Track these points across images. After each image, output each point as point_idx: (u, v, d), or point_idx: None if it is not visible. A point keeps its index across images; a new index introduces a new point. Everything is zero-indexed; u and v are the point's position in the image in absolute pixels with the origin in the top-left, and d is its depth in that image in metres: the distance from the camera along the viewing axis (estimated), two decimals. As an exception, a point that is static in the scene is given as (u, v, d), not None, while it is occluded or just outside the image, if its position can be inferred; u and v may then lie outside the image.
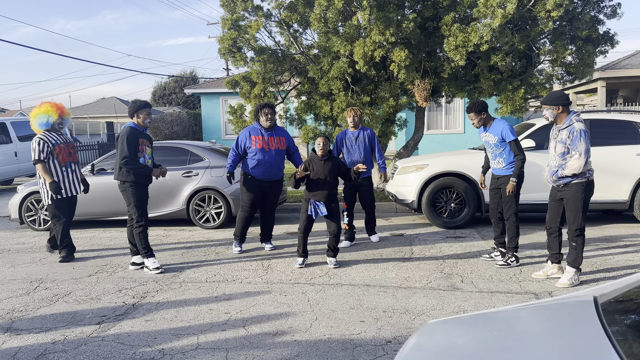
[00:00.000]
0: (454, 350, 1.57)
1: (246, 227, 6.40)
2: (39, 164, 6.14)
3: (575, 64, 9.01)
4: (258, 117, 6.22)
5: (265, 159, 6.12)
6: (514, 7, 7.46)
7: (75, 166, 6.45)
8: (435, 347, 1.60)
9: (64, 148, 6.32)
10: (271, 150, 6.16)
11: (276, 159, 6.22)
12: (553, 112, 4.81)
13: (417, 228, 7.70)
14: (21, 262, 6.26)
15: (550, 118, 4.85)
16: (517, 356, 1.41)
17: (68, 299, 4.78)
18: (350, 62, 8.68)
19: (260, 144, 6.13)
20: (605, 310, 1.57)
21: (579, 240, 4.84)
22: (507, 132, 5.36)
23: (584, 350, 1.36)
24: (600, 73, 16.87)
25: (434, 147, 16.48)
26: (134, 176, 5.56)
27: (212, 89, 21.31)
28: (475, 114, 5.47)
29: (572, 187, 4.79)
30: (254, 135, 6.18)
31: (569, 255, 4.91)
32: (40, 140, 6.16)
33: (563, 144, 4.74)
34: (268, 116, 6.15)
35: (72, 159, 6.40)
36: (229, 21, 9.34)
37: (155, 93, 45.75)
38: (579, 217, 4.80)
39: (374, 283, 5.01)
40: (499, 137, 5.40)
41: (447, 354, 1.55)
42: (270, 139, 6.19)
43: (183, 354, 3.52)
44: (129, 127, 5.64)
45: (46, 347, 3.71)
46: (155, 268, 5.61)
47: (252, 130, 6.24)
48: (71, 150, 6.44)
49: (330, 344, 3.63)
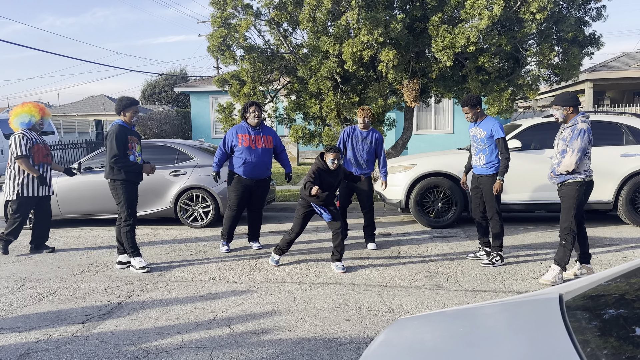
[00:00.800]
0: (420, 346, 1.61)
1: (233, 226, 6.40)
2: (22, 159, 6.20)
3: (561, 65, 9.12)
4: (245, 116, 6.22)
5: (252, 157, 6.13)
6: (500, 9, 7.53)
7: (48, 167, 6.52)
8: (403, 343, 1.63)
9: (42, 148, 6.42)
10: (258, 148, 6.17)
11: (263, 157, 6.22)
12: (563, 112, 4.87)
13: (405, 227, 7.75)
14: (5, 261, 6.21)
15: (560, 118, 4.91)
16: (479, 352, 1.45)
17: (52, 298, 4.75)
18: (339, 62, 8.71)
19: (247, 142, 6.13)
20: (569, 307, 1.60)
21: (569, 239, 4.89)
22: (497, 129, 5.42)
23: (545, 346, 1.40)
24: (587, 74, 17.06)
25: (423, 147, 16.58)
26: (125, 174, 5.54)
27: (202, 88, 21.24)
28: (469, 108, 5.51)
29: (566, 186, 4.87)
30: (241, 133, 6.18)
31: (557, 252, 4.97)
32: (23, 135, 6.26)
33: (564, 141, 4.82)
34: (255, 113, 6.15)
35: (46, 160, 6.48)
36: (218, 19, 9.32)
37: (144, 91, 45.48)
38: (571, 215, 4.85)
39: (360, 282, 5.04)
40: (488, 134, 5.46)
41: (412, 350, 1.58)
42: (257, 137, 6.20)
43: (167, 353, 3.53)
44: (117, 125, 5.59)
45: (29, 346, 3.70)
46: (142, 267, 5.59)
47: (239, 128, 6.24)
48: (47, 152, 6.52)
49: (315, 343, 3.64)
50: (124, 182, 5.55)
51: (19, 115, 6.37)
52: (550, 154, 7.35)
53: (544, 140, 7.51)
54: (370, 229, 6.50)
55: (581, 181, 4.81)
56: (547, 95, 23.16)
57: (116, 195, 5.60)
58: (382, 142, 6.46)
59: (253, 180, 6.23)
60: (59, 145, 14.90)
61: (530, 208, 7.55)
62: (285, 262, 5.83)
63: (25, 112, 6.38)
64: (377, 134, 6.41)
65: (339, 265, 5.44)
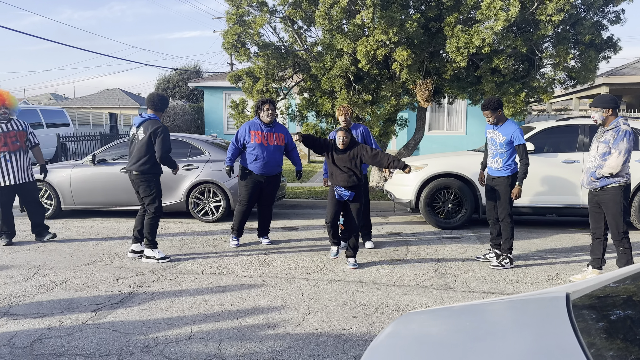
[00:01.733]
0: (426, 339, 1.63)
1: (243, 222, 6.45)
2: None
3: (577, 69, 9.04)
4: (259, 113, 6.27)
5: (263, 154, 6.18)
6: (516, 11, 7.49)
7: (19, 154, 6.48)
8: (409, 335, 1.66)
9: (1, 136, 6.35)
10: (270, 145, 6.22)
11: (274, 154, 6.27)
12: (602, 114, 4.82)
13: (414, 228, 7.75)
14: (20, 249, 6.32)
15: (599, 120, 4.85)
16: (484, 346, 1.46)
17: (65, 287, 4.83)
18: (353, 60, 8.71)
19: (260, 139, 6.19)
20: (575, 306, 1.61)
21: (625, 242, 4.84)
22: (517, 135, 5.38)
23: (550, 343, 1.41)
24: (604, 79, 16.88)
25: (435, 148, 16.52)
26: (159, 169, 5.80)
27: (215, 83, 21.35)
28: (491, 112, 5.47)
29: (609, 191, 4.79)
30: (254, 130, 6.23)
31: (619, 260, 4.92)
32: None
33: (606, 144, 4.75)
34: (269, 112, 6.21)
35: (8, 149, 6.40)
36: (233, 16, 9.37)
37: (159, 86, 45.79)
38: (620, 220, 4.80)
39: (368, 280, 5.06)
40: (507, 139, 5.42)
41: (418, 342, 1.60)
42: (270, 134, 6.25)
43: (176, 343, 3.58)
44: (159, 121, 5.77)
45: (42, 332, 3.77)
46: (163, 258, 5.75)
47: (252, 125, 6.29)
48: (9, 140, 6.41)
49: (322, 338, 3.68)
50: (155, 176, 5.78)
51: None
52: (564, 157, 7.31)
53: (557, 144, 7.47)
54: (366, 229, 6.45)
55: (623, 185, 4.76)
56: (562, 98, 22.95)
57: (148, 187, 5.74)
58: (369, 133, 6.30)
59: (264, 176, 6.27)
60: (74, 137, 15.08)
61: (541, 212, 7.51)
62: (293, 259, 5.86)
63: None
64: (361, 127, 6.25)
65: (350, 262, 5.55)
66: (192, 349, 3.49)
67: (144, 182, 5.73)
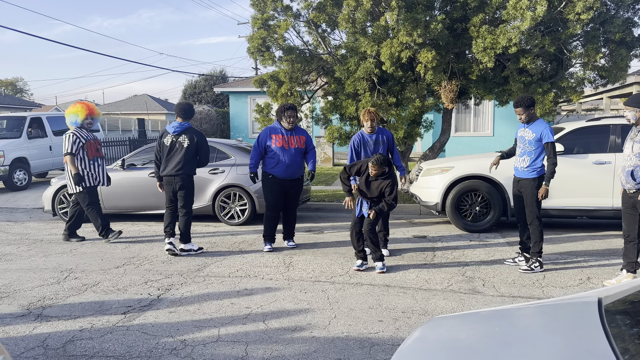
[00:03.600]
0: (455, 343, 1.60)
1: (274, 227, 6.49)
2: (68, 156, 6.74)
3: (607, 68, 8.81)
4: (281, 117, 6.31)
5: (285, 158, 6.23)
6: (543, 10, 7.35)
7: (102, 161, 7.09)
8: (437, 340, 1.64)
9: (92, 144, 6.95)
10: (291, 149, 6.27)
11: (296, 157, 6.32)
12: (636, 114, 4.72)
13: (440, 231, 7.67)
14: (53, 252, 6.49)
15: (632, 120, 4.76)
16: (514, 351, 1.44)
17: (96, 289, 4.94)
18: (377, 63, 8.69)
19: (280, 143, 6.23)
20: (608, 311, 1.57)
21: None
22: (547, 133, 5.30)
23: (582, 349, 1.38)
24: (635, 77, 16.43)
25: (462, 150, 16.32)
26: (195, 172, 6.48)
27: (240, 88, 21.56)
28: (523, 109, 5.39)
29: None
30: (274, 134, 6.28)
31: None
32: (72, 135, 6.79)
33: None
34: (290, 119, 6.27)
35: (98, 154, 7.04)
36: (259, 21, 9.45)
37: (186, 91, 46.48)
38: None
39: (394, 284, 5.03)
40: (537, 136, 5.34)
41: (447, 347, 1.58)
42: (290, 138, 6.30)
43: (204, 346, 3.62)
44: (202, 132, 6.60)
45: (74, 334, 3.86)
46: (199, 248, 6.43)
47: (272, 129, 6.33)
48: (98, 147, 7.07)
49: (348, 342, 3.67)
50: (192, 178, 6.47)
51: (68, 114, 7.00)
52: (594, 158, 7.13)
53: (587, 145, 7.29)
54: (384, 233, 6.23)
55: None
56: (591, 98, 22.41)
57: (191, 189, 6.42)
58: (394, 140, 6.22)
59: (287, 180, 6.31)
60: (104, 143, 15.44)
61: (571, 214, 7.34)
62: (319, 262, 5.87)
63: (72, 112, 6.97)
64: (386, 132, 6.16)
65: (377, 265, 5.48)
66: (220, 352, 3.52)
67: (189, 184, 6.36)
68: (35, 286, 5.05)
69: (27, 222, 8.75)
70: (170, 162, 6.29)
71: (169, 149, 6.31)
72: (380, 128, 6.21)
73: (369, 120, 5.94)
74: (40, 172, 14.41)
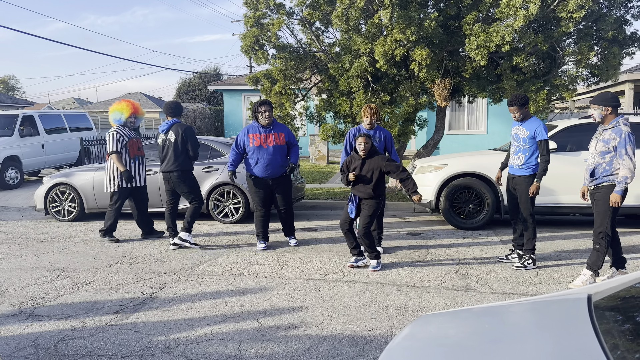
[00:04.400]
0: (444, 341, 1.60)
1: (265, 226, 6.47)
2: (114, 155, 6.72)
3: (600, 65, 8.85)
4: (256, 115, 6.27)
5: (263, 156, 6.20)
6: (536, 8, 7.37)
7: (142, 159, 7.08)
8: (426, 337, 1.64)
9: (135, 142, 6.95)
10: (269, 147, 6.21)
11: (275, 155, 6.24)
12: (601, 112, 4.77)
13: (434, 228, 7.68)
14: (45, 251, 6.45)
15: (598, 118, 4.82)
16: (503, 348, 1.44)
17: (88, 288, 4.91)
18: (371, 61, 8.68)
19: (258, 142, 6.21)
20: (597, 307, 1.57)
21: (603, 243, 4.77)
22: (541, 130, 5.33)
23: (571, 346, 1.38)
24: (628, 75, 16.53)
25: (456, 148, 16.36)
26: (191, 165, 6.54)
27: (234, 86, 21.50)
28: (517, 107, 5.42)
29: (601, 189, 4.76)
30: (252, 133, 6.25)
31: (590, 257, 4.85)
32: (116, 132, 6.80)
33: (605, 142, 4.71)
34: (266, 114, 6.21)
35: (140, 153, 7.03)
36: (251, 19, 9.42)
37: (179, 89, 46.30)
38: (606, 220, 4.74)
39: (388, 281, 5.03)
40: (531, 134, 5.36)
41: (436, 344, 1.58)
42: (269, 135, 6.24)
43: (197, 344, 3.60)
44: (189, 126, 6.57)
45: (66, 333, 3.84)
46: (194, 244, 6.47)
47: (251, 128, 6.31)
48: (139, 145, 7.05)
49: (341, 340, 3.66)
50: (191, 172, 6.59)
51: (113, 111, 6.96)
52: (587, 156, 7.15)
53: (580, 142, 7.32)
54: (378, 232, 6.24)
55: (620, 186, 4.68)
56: (585, 96, 22.53)
57: (188, 183, 6.49)
58: (392, 139, 6.21)
59: (269, 179, 6.29)
60: (97, 141, 15.35)
61: (564, 211, 7.37)
62: (312, 260, 5.86)
63: (117, 109, 6.95)
64: (384, 131, 6.17)
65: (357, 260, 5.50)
66: (213, 350, 3.51)
67: (185, 179, 6.43)
68: (27, 285, 5.01)
69: (19, 220, 8.69)
70: (165, 160, 6.47)
71: (162, 148, 6.52)
72: (380, 126, 6.22)
73: (368, 116, 5.96)
74: (32, 171, 14.31)
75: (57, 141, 14.71)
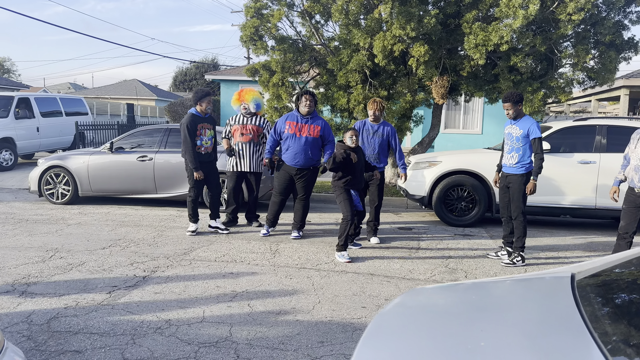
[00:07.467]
0: (433, 308, 1.68)
1: (277, 212, 6.52)
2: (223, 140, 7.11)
3: (597, 69, 8.94)
4: (298, 104, 6.34)
5: (294, 145, 6.23)
6: (536, 9, 7.43)
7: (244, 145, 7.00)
8: (416, 305, 1.71)
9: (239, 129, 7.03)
10: (302, 136, 6.23)
11: (306, 147, 6.23)
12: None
13: (426, 224, 7.76)
14: (38, 232, 6.46)
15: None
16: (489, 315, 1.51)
17: (81, 269, 4.94)
18: (370, 56, 8.72)
19: (292, 130, 6.24)
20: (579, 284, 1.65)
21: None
22: (534, 128, 5.38)
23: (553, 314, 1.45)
24: (624, 81, 16.66)
25: (450, 147, 16.44)
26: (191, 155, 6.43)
27: (232, 77, 21.47)
28: (511, 104, 5.45)
29: None
30: (290, 120, 6.30)
31: None
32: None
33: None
34: (307, 102, 6.23)
35: (242, 139, 7.01)
36: (252, 9, 9.43)
37: (176, 78, 46.17)
38: None
39: (379, 273, 5.10)
40: (524, 132, 5.42)
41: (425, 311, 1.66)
42: (304, 126, 6.26)
43: (189, 326, 3.65)
44: (190, 114, 6.42)
45: (59, 311, 3.87)
46: (225, 228, 6.70)
47: (290, 116, 6.36)
48: (244, 131, 7.01)
49: (331, 326, 3.73)
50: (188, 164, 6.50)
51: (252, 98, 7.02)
52: (580, 158, 7.25)
53: (573, 144, 7.41)
54: (374, 223, 6.44)
55: None
56: (580, 100, 22.68)
57: (188, 174, 6.54)
58: (395, 135, 6.32)
59: (294, 168, 6.30)
60: (92, 126, 15.32)
61: (555, 212, 7.46)
62: (305, 250, 5.92)
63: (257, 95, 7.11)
64: (388, 126, 6.29)
65: (343, 255, 5.50)
66: (204, 332, 3.56)
67: (186, 170, 6.53)
68: (20, 264, 5.04)
69: (12, 202, 8.68)
70: None
71: None
72: (385, 122, 6.33)
73: (373, 109, 6.15)
74: (26, 153, 14.27)
75: (52, 125, 14.67)
